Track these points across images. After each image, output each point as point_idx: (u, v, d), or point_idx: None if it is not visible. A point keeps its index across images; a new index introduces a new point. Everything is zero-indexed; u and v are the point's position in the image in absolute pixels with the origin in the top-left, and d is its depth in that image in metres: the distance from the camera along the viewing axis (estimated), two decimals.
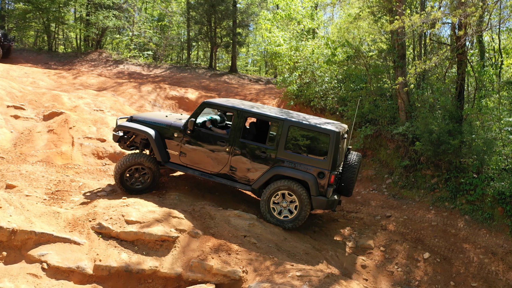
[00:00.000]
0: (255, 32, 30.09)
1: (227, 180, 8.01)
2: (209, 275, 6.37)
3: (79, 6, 23.32)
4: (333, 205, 7.81)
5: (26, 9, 22.44)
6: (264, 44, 23.06)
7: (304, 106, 14.07)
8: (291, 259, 6.97)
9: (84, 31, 24.02)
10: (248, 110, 7.93)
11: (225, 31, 24.39)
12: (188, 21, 25.09)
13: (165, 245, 6.64)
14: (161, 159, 8.15)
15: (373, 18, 12.77)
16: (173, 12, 26.91)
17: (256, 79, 22.85)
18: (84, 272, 6.02)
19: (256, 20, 24.45)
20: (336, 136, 7.45)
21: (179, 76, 20.93)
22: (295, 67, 14.53)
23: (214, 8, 22.96)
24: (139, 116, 8.55)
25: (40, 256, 5.96)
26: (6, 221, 6.05)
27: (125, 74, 20.28)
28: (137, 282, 6.22)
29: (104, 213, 6.93)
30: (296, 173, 7.55)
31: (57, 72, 18.00)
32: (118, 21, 23.63)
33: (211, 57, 24.41)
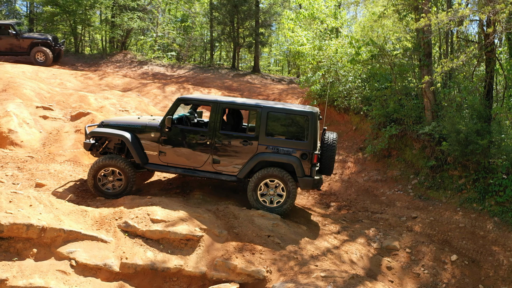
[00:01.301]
0: (277, 32, 30.03)
1: (211, 173, 8.01)
2: (233, 275, 6.39)
3: (105, 8, 23.72)
4: (318, 184, 7.97)
5: (54, 12, 22.95)
6: (286, 43, 22.98)
7: (327, 106, 13.97)
8: (315, 259, 6.93)
9: (110, 32, 24.43)
10: (225, 101, 8.05)
11: (247, 31, 24.43)
12: (211, 22, 25.23)
13: (189, 244, 6.69)
14: (140, 161, 8.05)
15: (398, 16, 12.58)
16: (196, 13, 27.10)
17: (279, 79, 22.81)
18: (111, 269, 6.12)
19: (278, 20, 24.40)
20: (313, 116, 7.67)
21: (202, 76, 21.06)
22: (318, 66, 14.43)
23: (236, 8, 23.03)
24: (111, 121, 8.44)
25: (69, 253, 6.09)
26: (36, 218, 6.21)
27: (149, 74, 20.54)
28: (163, 280, 6.29)
29: (130, 212, 7.04)
30: (280, 158, 7.68)
31: (84, 74, 18.36)
32: (143, 22, 23.94)
33: (234, 57, 24.48)
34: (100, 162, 7.96)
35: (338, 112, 13.60)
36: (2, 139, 9.86)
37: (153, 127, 8.06)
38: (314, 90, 13.92)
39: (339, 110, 13.54)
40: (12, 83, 13.20)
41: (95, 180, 8.02)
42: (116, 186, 8.09)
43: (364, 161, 11.77)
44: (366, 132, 12.40)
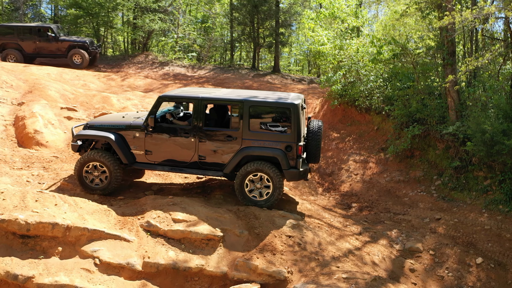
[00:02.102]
0: (298, 32, 29.91)
1: (198, 170, 8.02)
2: (254, 275, 6.40)
3: (127, 10, 24.05)
4: (305, 175, 7.94)
5: (78, 15, 23.40)
6: (307, 43, 22.91)
7: (348, 106, 13.85)
8: (337, 260, 6.88)
9: (131, 34, 24.75)
10: (207, 97, 7.93)
11: (268, 31, 24.40)
12: (231, 22, 25.31)
13: (210, 243, 6.73)
14: (126, 161, 8.02)
15: (420, 14, 12.37)
16: (216, 13, 27.22)
17: (299, 78, 22.73)
18: (134, 268, 6.20)
19: (299, 19, 24.30)
20: (296, 108, 7.57)
21: (222, 77, 21.15)
22: (339, 66, 14.31)
23: (257, 8, 23.03)
24: (96, 122, 8.44)
25: (93, 252, 6.20)
26: (61, 217, 6.33)
27: (170, 75, 20.72)
28: (184, 279, 6.35)
29: (152, 212, 7.12)
30: (264, 151, 7.67)
31: (106, 75, 18.65)
32: (164, 24, 24.17)
33: (254, 58, 24.50)
34: (85, 157, 7.96)
35: (359, 112, 13.47)
36: (28, 140, 10.11)
37: (137, 127, 8.04)
38: (335, 90, 13.81)
39: (360, 110, 13.41)
40: (38, 84, 13.51)
41: (81, 175, 8.02)
42: (100, 182, 8.05)
43: (386, 162, 11.62)
44: (388, 132, 12.24)
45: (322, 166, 12.32)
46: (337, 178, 11.71)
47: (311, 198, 10.42)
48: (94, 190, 8.02)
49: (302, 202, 9.27)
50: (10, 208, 6.36)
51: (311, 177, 11.84)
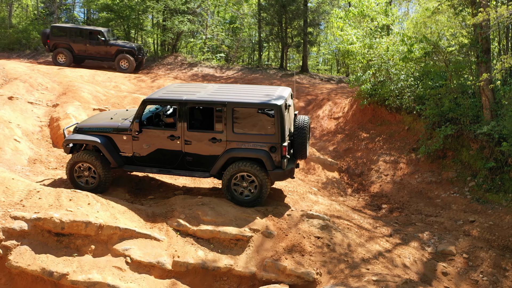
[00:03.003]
0: (326, 31, 29.64)
1: (185, 171, 7.96)
2: (282, 276, 6.39)
3: (156, 12, 24.40)
4: (290, 174, 7.81)
5: (109, 18, 23.92)
6: (335, 42, 22.67)
7: (378, 105, 13.65)
8: (367, 263, 6.79)
9: (161, 36, 25.12)
10: (190, 100, 7.79)
11: (296, 31, 24.28)
12: (259, 23, 25.31)
13: (239, 244, 6.76)
14: (116, 164, 7.99)
15: (453, 11, 12.08)
16: (244, 14, 27.29)
17: (328, 78, 22.53)
18: (164, 267, 6.29)
19: (327, 18, 24.09)
20: (279, 109, 7.41)
21: (250, 77, 21.19)
22: (368, 65, 14.12)
23: (285, 8, 22.94)
24: (85, 125, 8.38)
25: (124, 250, 6.32)
26: (94, 216, 6.49)
27: (199, 76, 20.92)
28: (213, 279, 6.39)
29: (182, 211, 7.20)
30: (249, 153, 7.58)
31: (137, 76, 18.99)
32: (192, 25, 24.41)
33: (282, 58, 24.43)
34: (74, 158, 7.98)
35: (389, 112, 13.25)
36: (62, 140, 10.38)
37: (124, 129, 7.98)
38: (364, 89, 13.63)
39: (391, 109, 13.19)
40: (71, 86, 13.89)
41: (72, 175, 8.03)
42: (91, 182, 8.04)
43: (417, 162, 11.39)
44: (419, 132, 11.99)
45: (352, 166, 12.18)
46: (366, 178, 11.56)
47: (340, 199, 10.32)
48: (85, 190, 7.83)
49: (331, 203, 9.19)
50: (46, 207, 6.57)
51: (340, 177, 11.73)
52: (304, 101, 16.94)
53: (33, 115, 11.39)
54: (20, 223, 6.24)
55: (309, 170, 11.45)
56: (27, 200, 6.68)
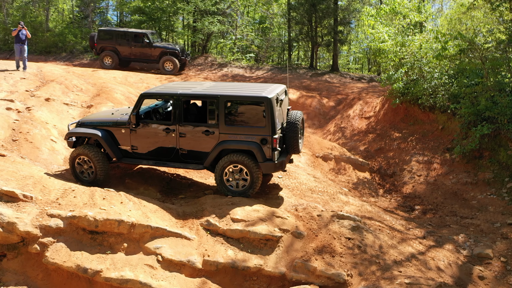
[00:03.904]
0: (357, 29, 29.29)
1: (180, 163, 8.18)
2: (312, 277, 6.33)
3: (187, 14, 24.74)
4: (281, 167, 7.96)
5: (141, 20, 24.42)
6: (366, 41, 22.39)
7: (410, 104, 13.36)
8: (399, 265, 6.65)
9: (191, 37, 25.44)
10: (184, 94, 8.02)
11: (326, 29, 24.10)
12: (289, 22, 25.26)
13: (269, 244, 6.74)
14: (115, 157, 8.31)
15: (489, 6, 11.73)
16: (274, 14, 27.29)
17: (359, 77, 22.24)
18: (194, 266, 6.35)
19: (358, 16, 23.79)
20: (269, 101, 7.56)
21: (280, 77, 21.16)
22: (400, 63, 13.85)
23: (314, 7, 22.80)
24: (87, 119, 8.71)
25: (156, 249, 6.42)
26: (126, 215, 6.62)
27: (228, 76, 21.04)
28: (243, 278, 6.40)
29: (212, 211, 7.25)
30: (240, 145, 7.75)
31: (168, 77, 19.27)
32: (222, 26, 24.60)
33: (312, 57, 24.29)
34: (75, 151, 8.33)
35: (422, 111, 12.95)
36: None
37: (123, 123, 8.28)
38: (397, 88, 13.38)
39: (424, 108, 12.89)
40: (105, 88, 14.23)
41: (73, 167, 8.38)
42: (88, 175, 8.34)
43: (452, 163, 11.08)
44: (454, 132, 11.66)
45: (383, 166, 11.98)
46: (398, 179, 11.34)
47: (371, 200, 10.16)
48: (84, 182, 8.26)
49: (362, 203, 9.06)
50: (80, 205, 6.74)
51: (372, 178, 11.55)
52: (334, 100, 16.78)
53: (69, 116, 11.71)
54: (56, 220, 6.43)
55: (340, 170, 11.32)
56: (63, 199, 6.88)
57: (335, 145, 12.58)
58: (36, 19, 25.71)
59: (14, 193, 6.61)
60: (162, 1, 24.15)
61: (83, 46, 24.53)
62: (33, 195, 6.74)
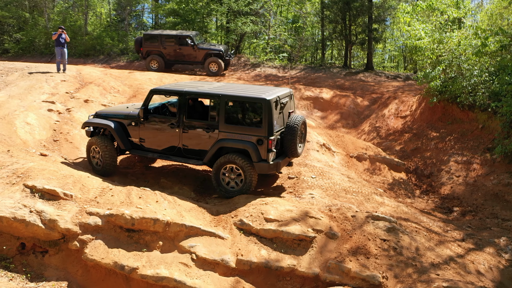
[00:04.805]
0: (392, 27, 28.73)
1: (182, 158, 8.54)
2: (347, 278, 6.25)
3: (220, 15, 24.96)
4: (276, 168, 8.09)
5: (175, 22, 24.80)
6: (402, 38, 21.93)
7: (448, 103, 12.99)
8: (436, 268, 6.48)
9: (225, 38, 25.63)
10: (188, 91, 8.37)
11: (360, 28, 23.75)
12: (322, 21, 25.05)
13: (302, 244, 6.70)
14: (124, 147, 8.83)
15: None
16: (307, 13, 27.12)
17: (394, 75, 21.79)
18: (228, 265, 6.39)
19: (393, 14, 23.33)
20: (268, 103, 7.74)
21: (313, 76, 21.01)
22: (438, 61, 13.48)
23: (348, 5, 22.52)
24: (103, 111, 9.32)
25: (190, 247, 6.50)
26: (161, 214, 6.74)
27: (261, 76, 21.07)
28: (276, 278, 6.39)
29: (245, 210, 7.28)
30: (237, 144, 7.97)
31: (202, 78, 19.48)
32: (255, 26, 24.66)
33: (345, 56, 23.99)
34: (89, 141, 9.02)
35: (461, 110, 12.56)
36: None
37: (133, 117, 8.78)
38: (434, 87, 13.03)
39: (463, 107, 12.50)
40: (141, 89, 14.54)
41: (88, 155, 9.07)
42: (99, 164, 8.92)
43: (492, 163, 10.69)
44: (495, 131, 11.25)
45: (420, 167, 11.70)
46: (436, 180, 11.04)
47: (407, 201, 9.94)
48: (96, 171, 8.87)
49: (398, 204, 8.87)
50: (117, 203, 6.92)
51: (408, 178, 11.30)
52: (369, 99, 16.51)
53: None
54: (94, 218, 6.62)
55: (375, 170, 11.14)
56: (101, 197, 7.08)
57: (369, 144, 12.38)
58: (76, 23, 26.56)
59: (55, 192, 6.85)
60: (196, 3, 24.45)
61: (119, 49, 25.15)
62: (73, 194, 6.97)
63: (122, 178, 8.94)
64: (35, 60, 22.59)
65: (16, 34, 26.55)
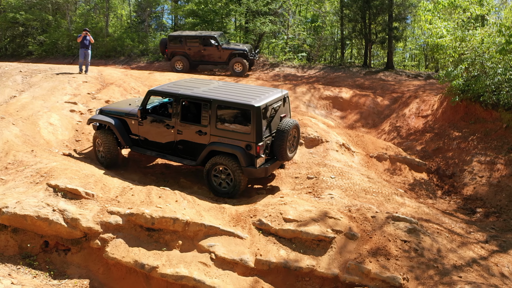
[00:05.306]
0: (413, 25, 28.28)
1: (176, 157, 8.80)
2: (366, 279, 6.19)
3: (239, 15, 24.99)
4: (263, 173, 8.24)
5: (195, 22, 24.93)
6: (423, 37, 21.58)
7: (471, 102, 12.73)
8: (459, 270, 6.36)
9: (244, 38, 25.65)
10: (182, 94, 8.58)
11: (380, 26, 23.45)
12: (342, 20, 24.84)
13: (321, 244, 6.67)
14: (125, 144, 9.14)
15: None
16: (326, 12, 26.94)
17: (415, 74, 21.46)
18: (247, 265, 6.40)
19: (414, 12, 22.97)
20: (256, 110, 7.87)
21: (333, 75, 20.87)
22: (460, 59, 13.22)
23: (368, 4, 22.27)
24: (106, 108, 9.63)
25: (209, 247, 6.54)
26: (181, 213, 6.79)
27: (280, 76, 21.02)
28: (295, 279, 6.37)
29: (264, 210, 7.27)
30: (226, 148, 8.16)
31: (221, 78, 19.56)
32: (274, 26, 24.60)
33: (365, 55, 23.72)
34: (94, 135, 9.44)
35: (484, 109, 12.30)
36: None
37: (133, 115, 9.04)
38: (456, 85, 12.79)
39: (486, 106, 12.23)
40: None
41: (95, 150, 9.43)
42: (102, 156, 9.27)
43: None
44: None
45: (442, 167, 11.50)
46: (458, 180, 10.84)
47: (429, 202, 9.79)
48: (101, 163, 9.23)
49: (419, 205, 8.75)
50: (138, 203, 7.00)
51: (429, 179, 11.13)
52: (389, 99, 16.31)
53: None
54: (115, 217, 6.71)
55: (395, 170, 11.00)
56: (122, 197, 7.17)
57: (390, 144, 12.23)
58: (97, 25, 26.94)
59: (77, 191, 6.98)
60: (215, 4, 24.53)
61: (140, 50, 25.41)
62: (95, 193, 7.08)
63: (142, 178, 9.04)
64: (58, 62, 23.03)
65: (39, 36, 27.06)
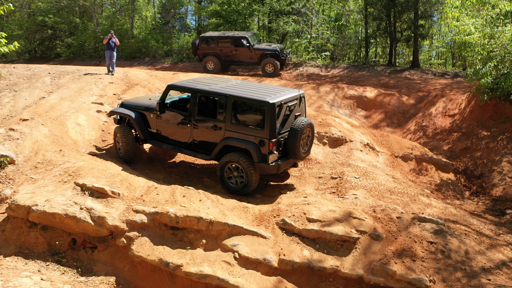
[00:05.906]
0: (439, 22, 27.76)
1: (191, 151, 8.91)
2: (392, 281, 6.11)
3: (262, 15, 25.00)
4: (275, 169, 8.21)
5: (218, 23, 25.08)
6: (450, 34, 21.15)
7: (501, 101, 12.41)
8: (487, 272, 6.21)
9: (267, 38, 25.64)
10: (199, 89, 8.71)
11: (405, 24, 23.08)
12: (366, 18, 24.56)
13: (345, 245, 6.61)
14: (143, 137, 9.34)
15: None
16: (350, 11, 26.70)
17: (442, 73, 21.04)
18: (270, 264, 6.40)
19: (441, 9, 22.52)
20: (271, 106, 7.91)
21: (357, 75, 20.66)
22: (489, 57, 12.89)
23: (393, 1, 21.95)
24: (126, 102, 9.85)
25: (233, 246, 6.56)
26: (205, 212, 6.84)
27: (304, 76, 20.93)
28: (319, 279, 6.34)
29: (287, 210, 7.26)
30: (240, 143, 8.21)
31: (244, 78, 19.60)
32: (297, 25, 24.52)
33: (390, 53, 23.39)
34: (114, 130, 9.65)
35: None
36: None
37: (152, 109, 9.22)
38: (485, 84, 12.48)
39: None
40: None
41: (115, 144, 9.67)
42: (121, 150, 9.47)
43: None
44: None
45: (470, 167, 11.24)
46: (487, 181, 10.58)
47: (456, 202, 9.59)
48: (120, 157, 9.45)
49: (446, 206, 8.57)
50: (162, 202, 7.08)
51: (456, 179, 10.89)
52: (415, 98, 16.05)
53: None
54: (141, 216, 6.81)
55: (421, 170, 10.81)
56: (147, 196, 7.27)
57: (415, 144, 12.03)
58: (123, 27, 27.40)
59: (104, 190, 7.11)
60: (238, 4, 24.60)
61: (164, 51, 25.72)
62: (120, 192, 7.20)
63: (167, 177, 9.14)
64: (84, 64, 23.53)
65: (67, 38, 27.71)
